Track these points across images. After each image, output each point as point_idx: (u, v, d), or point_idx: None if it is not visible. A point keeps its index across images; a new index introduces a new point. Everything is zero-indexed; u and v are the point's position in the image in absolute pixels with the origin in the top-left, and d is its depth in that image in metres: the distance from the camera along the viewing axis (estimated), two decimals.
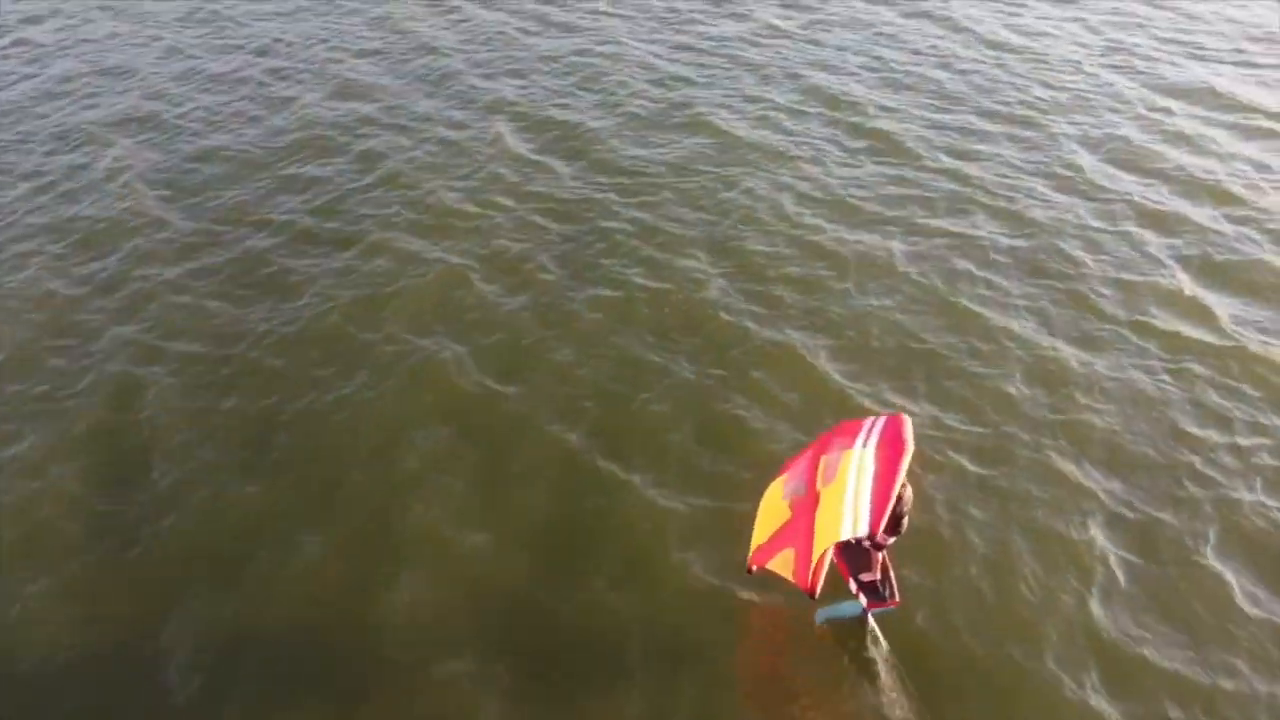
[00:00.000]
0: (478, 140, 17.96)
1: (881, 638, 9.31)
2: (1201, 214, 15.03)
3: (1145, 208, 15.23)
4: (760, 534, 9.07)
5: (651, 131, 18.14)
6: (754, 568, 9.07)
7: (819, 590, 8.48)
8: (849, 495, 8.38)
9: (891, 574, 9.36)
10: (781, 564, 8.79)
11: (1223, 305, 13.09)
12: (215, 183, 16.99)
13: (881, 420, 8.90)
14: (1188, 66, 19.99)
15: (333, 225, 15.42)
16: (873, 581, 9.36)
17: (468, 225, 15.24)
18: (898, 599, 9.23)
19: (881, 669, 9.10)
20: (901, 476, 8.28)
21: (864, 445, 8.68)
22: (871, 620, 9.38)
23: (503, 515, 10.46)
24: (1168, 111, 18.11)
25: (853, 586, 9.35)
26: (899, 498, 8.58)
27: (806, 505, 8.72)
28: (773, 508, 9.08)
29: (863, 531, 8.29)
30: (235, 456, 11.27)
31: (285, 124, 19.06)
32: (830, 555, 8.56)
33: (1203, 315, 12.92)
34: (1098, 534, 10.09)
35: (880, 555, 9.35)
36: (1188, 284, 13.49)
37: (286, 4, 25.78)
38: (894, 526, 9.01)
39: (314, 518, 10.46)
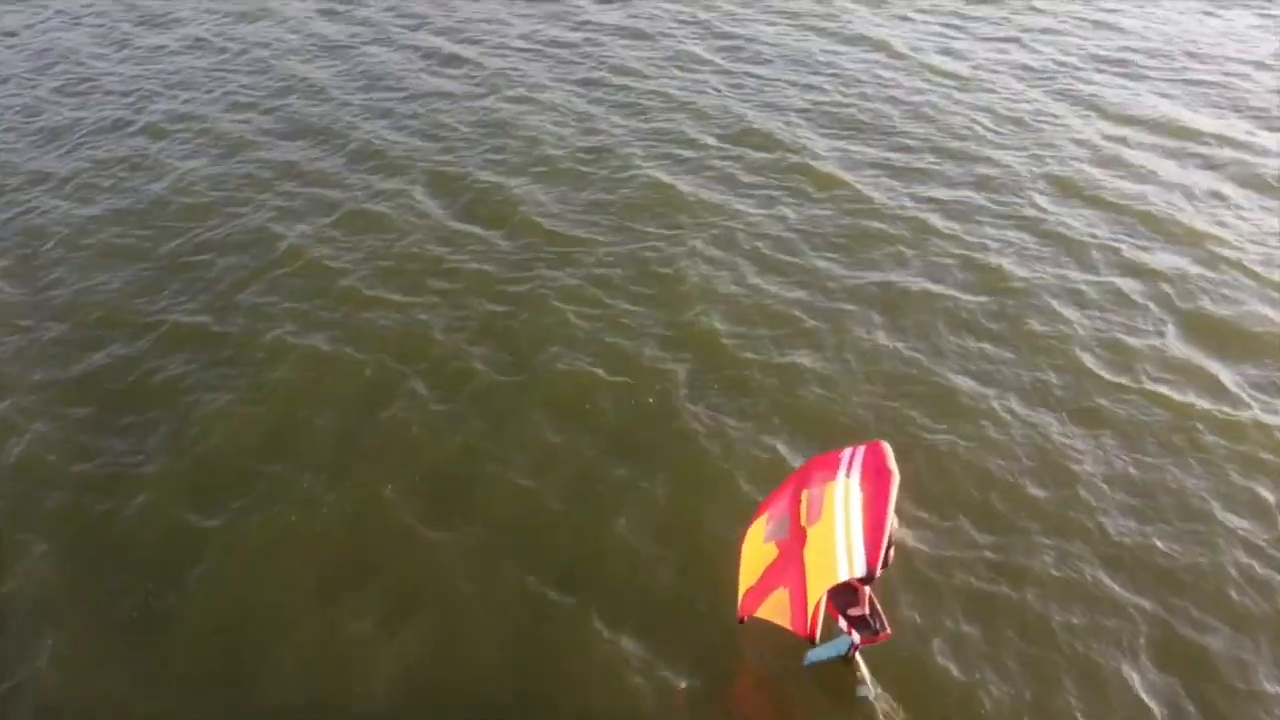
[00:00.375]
0: (391, 206, 16.10)
1: (868, 675, 8.76)
2: (1180, 258, 14.18)
3: (1122, 253, 14.33)
4: (746, 580, 8.62)
5: (584, 186, 16.56)
6: (745, 617, 8.61)
7: (818, 634, 8.08)
8: (839, 533, 7.93)
9: (879, 607, 8.87)
10: (773, 609, 8.33)
11: (1226, 366, 12.18)
12: (87, 272, 14.76)
13: (860, 450, 8.36)
14: (1132, 88, 19.38)
15: (229, 324, 13.37)
16: (861, 616, 8.81)
17: (390, 316, 13.40)
18: (889, 631, 8.73)
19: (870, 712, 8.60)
20: (892, 507, 7.82)
21: (847, 476, 8.17)
22: (859, 658, 8.88)
23: (467, 696, 8.76)
24: (1123, 141, 17.38)
25: (843, 624, 8.78)
26: (879, 554, 7.89)
27: (793, 545, 8.25)
28: (755, 551, 8.61)
29: (860, 572, 7.79)
30: (130, 651, 9.24)
31: (166, 193, 16.90)
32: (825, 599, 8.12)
33: (1208, 380, 11.96)
34: (1151, 664, 8.92)
35: (867, 591, 8.80)
36: (1185, 344, 12.55)
37: (160, 48, 23.42)
38: (884, 561, 8.23)
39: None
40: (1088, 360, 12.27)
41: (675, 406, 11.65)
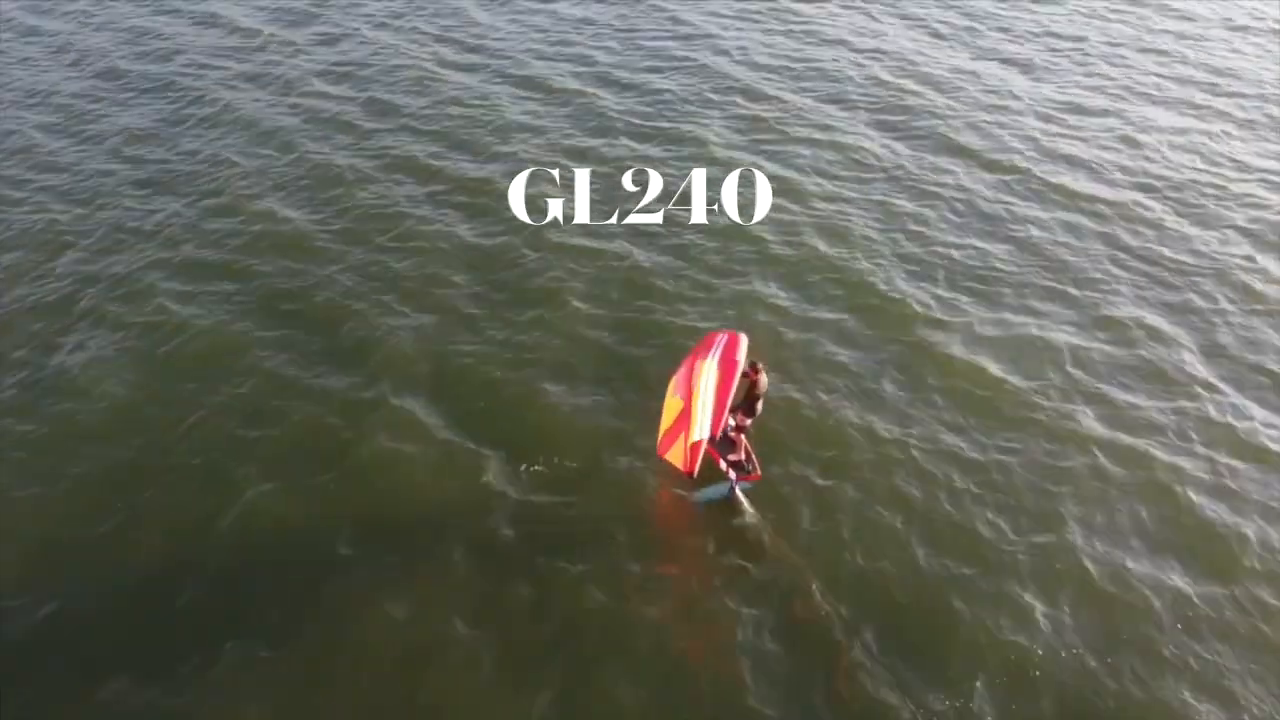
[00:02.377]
0: None
1: (748, 508, 12.00)
2: None
3: None
4: (664, 425, 11.54)
5: None
6: (661, 455, 11.63)
7: (696, 472, 11.20)
8: (700, 403, 10.99)
9: (753, 454, 11.99)
10: (675, 455, 11.38)
11: None
12: None
13: (726, 338, 11.50)
14: None
15: None
16: (738, 460, 11.91)
17: None
18: (759, 473, 11.89)
19: (750, 531, 11.80)
20: (733, 391, 11.09)
21: (713, 359, 11.26)
22: (739, 493, 12.03)
23: None
24: None
25: (723, 465, 11.87)
26: (754, 383, 11.62)
27: (687, 404, 11.15)
28: (671, 406, 11.47)
29: (705, 434, 11.05)
30: None
31: None
32: (704, 446, 11.18)
33: None
34: None
35: (743, 439, 12.00)
36: None
37: None
38: (751, 409, 11.87)
39: None
40: None
41: None
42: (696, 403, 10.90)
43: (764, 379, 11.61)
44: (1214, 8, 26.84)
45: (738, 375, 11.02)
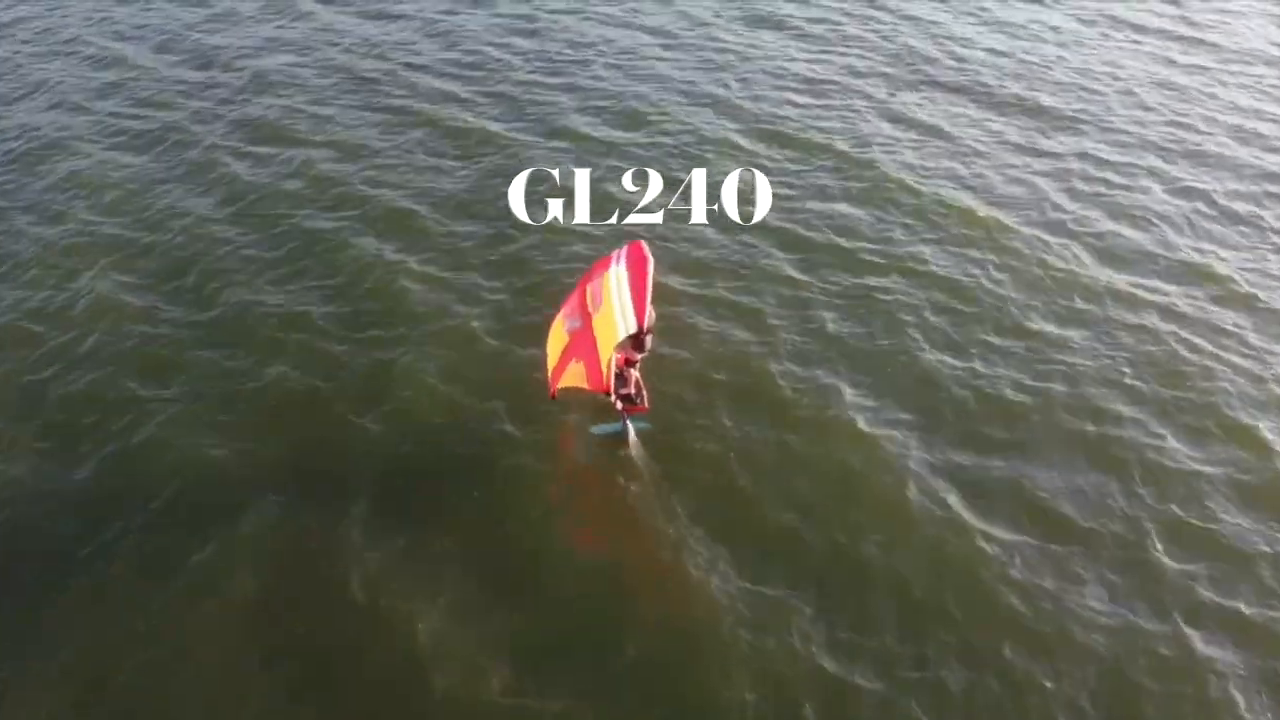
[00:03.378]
0: None
1: (635, 439, 11.97)
2: None
3: None
4: (551, 363, 11.29)
5: None
6: (554, 393, 11.39)
7: (612, 390, 11.17)
8: (616, 306, 10.69)
9: (643, 388, 11.87)
10: (574, 378, 11.04)
11: None
12: None
13: (625, 248, 11.17)
14: None
15: None
16: (628, 394, 11.80)
17: None
18: (648, 405, 11.85)
19: (637, 462, 11.79)
20: (650, 280, 10.69)
21: (617, 266, 10.94)
22: (630, 428, 11.97)
23: None
24: None
25: (612, 398, 11.52)
26: (644, 315, 10.96)
27: (584, 329, 10.93)
28: (557, 340, 11.29)
29: (632, 328, 10.80)
30: None
31: None
32: (613, 364, 10.99)
33: None
34: None
35: (634, 374, 11.83)
36: None
37: None
38: (640, 346, 11.57)
39: None
40: None
41: None
42: (612, 307, 10.65)
43: (651, 312, 11.32)
44: (1254, 38, 23.22)
45: (650, 270, 10.67)
